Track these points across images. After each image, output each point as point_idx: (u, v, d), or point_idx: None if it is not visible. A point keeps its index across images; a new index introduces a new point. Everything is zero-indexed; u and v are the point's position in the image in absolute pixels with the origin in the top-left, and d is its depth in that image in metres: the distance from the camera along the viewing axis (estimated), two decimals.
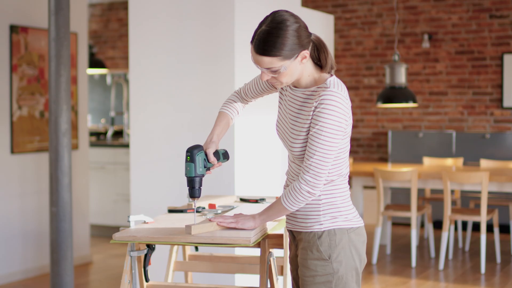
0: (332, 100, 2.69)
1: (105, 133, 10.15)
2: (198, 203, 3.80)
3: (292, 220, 2.93)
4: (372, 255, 7.30)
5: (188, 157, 2.89)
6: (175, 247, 3.97)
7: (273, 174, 5.73)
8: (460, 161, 8.18)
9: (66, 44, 4.64)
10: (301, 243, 2.90)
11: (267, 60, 2.72)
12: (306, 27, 2.79)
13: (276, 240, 3.28)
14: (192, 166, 2.90)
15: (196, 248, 4.11)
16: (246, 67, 5.34)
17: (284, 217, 3.26)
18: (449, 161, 8.22)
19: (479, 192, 8.57)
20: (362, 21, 9.99)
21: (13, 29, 6.56)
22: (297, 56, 2.72)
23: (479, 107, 9.40)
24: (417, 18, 9.63)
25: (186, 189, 5.39)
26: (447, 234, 7.05)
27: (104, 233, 8.80)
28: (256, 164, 5.53)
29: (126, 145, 8.82)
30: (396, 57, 7.74)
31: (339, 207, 2.83)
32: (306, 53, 2.75)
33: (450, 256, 7.51)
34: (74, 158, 7.16)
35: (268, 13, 4.95)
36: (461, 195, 8.74)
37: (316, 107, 2.73)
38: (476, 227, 8.79)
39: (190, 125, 5.40)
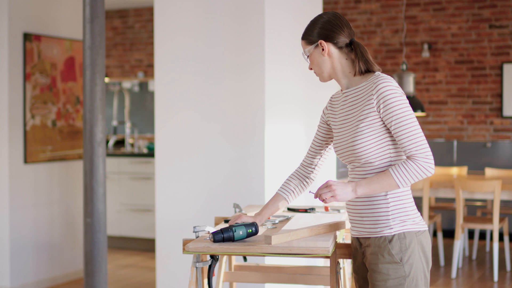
0: (388, 83, 2.79)
1: (106, 143, 10.06)
2: (250, 213, 3.76)
3: (359, 227, 2.93)
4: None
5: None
6: (225, 257, 3.93)
7: None
8: (464, 169, 8.22)
9: (101, 53, 4.58)
10: (369, 249, 2.90)
11: (301, 43, 3.02)
12: (340, 26, 2.93)
13: (342, 250, 3.26)
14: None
15: (245, 259, 4.07)
16: (276, 76, 5.32)
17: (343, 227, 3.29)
18: (454, 170, 8.26)
19: (485, 201, 8.65)
20: (361, 31, 10.02)
21: (27, 37, 6.48)
22: (317, 45, 2.93)
23: (479, 116, 9.46)
24: (417, 28, 9.69)
25: (213, 200, 5.35)
26: (459, 242, 7.08)
27: (108, 243, 8.71)
28: (286, 172, 5.51)
29: (129, 155, 8.74)
30: (404, 67, 7.77)
31: (407, 210, 2.86)
32: (325, 45, 2.91)
33: (460, 264, 7.54)
34: None
35: (297, 23, 5.18)
36: (465, 203, 8.78)
37: (378, 98, 2.80)
38: (482, 235, 8.85)
39: (219, 135, 5.36)
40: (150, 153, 8.69)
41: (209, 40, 5.36)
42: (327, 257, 3.07)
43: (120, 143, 9.98)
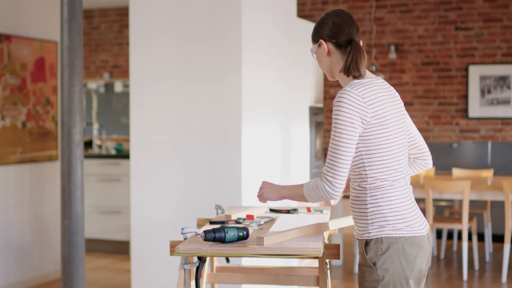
0: (341, 97, 2.78)
1: None
2: (235, 214, 3.77)
3: (355, 227, 2.99)
4: (354, 264, 7.36)
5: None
6: (208, 258, 3.92)
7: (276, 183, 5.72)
8: (431, 170, 8.31)
9: (79, 54, 4.53)
10: (358, 249, 2.96)
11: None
12: (339, 26, 2.93)
13: (329, 251, 3.28)
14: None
15: (227, 260, 4.07)
16: (253, 78, 5.32)
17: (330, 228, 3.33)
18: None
19: (451, 201, 8.77)
20: None
21: None
22: (319, 44, 2.97)
23: (444, 117, 9.58)
24: (384, 29, 9.77)
25: (189, 202, 5.34)
26: None
27: None
28: (263, 174, 5.52)
29: (97, 156, 8.67)
30: (374, 68, 7.83)
31: (386, 216, 2.84)
32: (324, 44, 2.95)
33: (429, 264, 7.60)
34: (55, 169, 7.01)
35: (273, 25, 5.18)
36: (433, 204, 8.88)
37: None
38: (449, 235, 8.97)
39: (196, 137, 5.35)
40: (119, 155, 8.63)
41: (185, 41, 5.35)
42: (316, 257, 3.08)
43: (87, 144, 9.89)
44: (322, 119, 6.84)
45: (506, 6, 9.26)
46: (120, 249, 8.42)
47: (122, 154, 8.62)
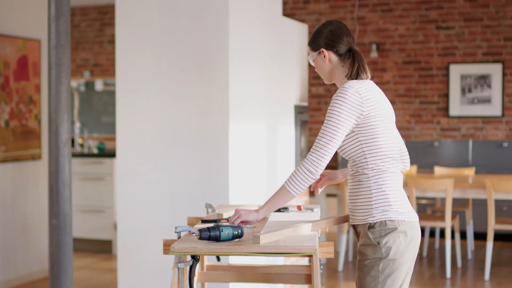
0: (340, 93, 3.06)
1: None
2: (227, 213, 3.77)
3: (353, 215, 3.18)
4: (338, 262, 7.39)
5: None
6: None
7: (263, 182, 5.73)
8: (414, 168, 8.36)
9: (67, 52, 4.51)
10: (360, 235, 3.16)
11: (308, 48, 3.30)
12: (340, 36, 3.19)
13: (322, 249, 3.30)
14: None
15: (218, 258, 4.07)
16: (240, 76, 5.32)
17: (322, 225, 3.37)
18: None
19: (433, 199, 8.83)
20: (311, 31, 10.09)
21: None
22: (320, 52, 3.20)
23: (426, 116, 9.63)
24: (365, 28, 9.81)
25: (176, 201, 5.33)
26: None
27: None
28: (250, 172, 5.53)
29: (79, 155, 8.63)
30: None
31: (389, 201, 3.09)
32: (326, 52, 3.19)
33: None
34: (39, 168, 6.97)
35: (260, 22, 5.38)
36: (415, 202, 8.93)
37: None
38: (431, 233, 9.03)
39: (183, 136, 5.33)
40: (102, 154, 8.60)
41: (172, 40, 5.33)
42: (309, 255, 3.09)
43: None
44: (307, 117, 6.86)
45: (486, 6, 9.34)
46: (102, 248, 8.39)
47: (105, 153, 8.59)
